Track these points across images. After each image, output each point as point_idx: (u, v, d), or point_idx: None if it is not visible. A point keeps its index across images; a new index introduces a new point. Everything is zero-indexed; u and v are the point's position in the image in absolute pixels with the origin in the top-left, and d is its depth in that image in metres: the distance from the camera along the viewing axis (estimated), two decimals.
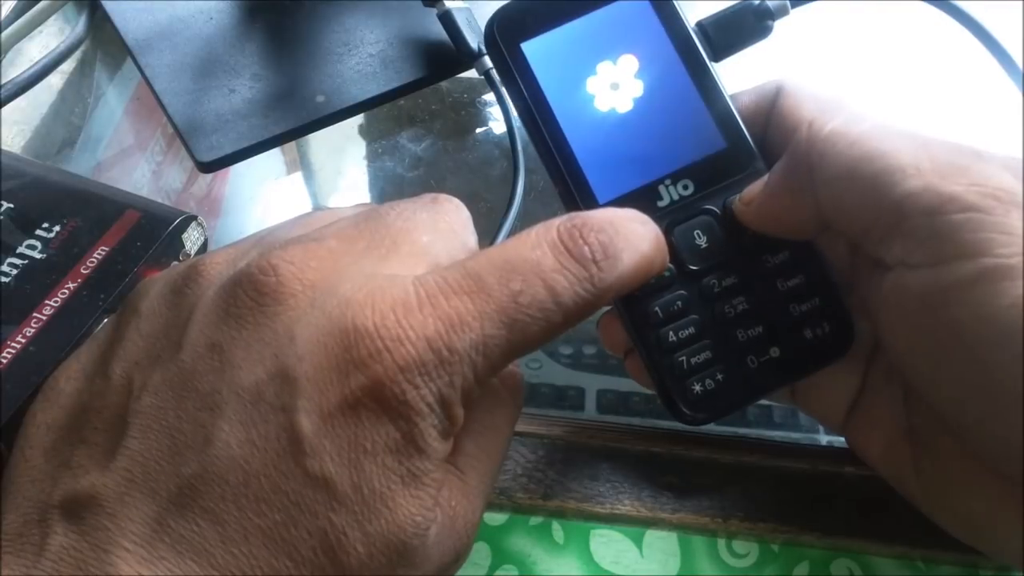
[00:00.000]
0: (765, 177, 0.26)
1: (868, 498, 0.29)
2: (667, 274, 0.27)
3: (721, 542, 0.29)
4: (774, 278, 0.27)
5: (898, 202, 0.22)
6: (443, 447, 0.21)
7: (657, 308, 0.27)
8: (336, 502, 0.19)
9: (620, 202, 0.27)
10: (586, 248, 0.22)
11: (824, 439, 0.34)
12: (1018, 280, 0.20)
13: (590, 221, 0.22)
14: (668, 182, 0.28)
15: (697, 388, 0.27)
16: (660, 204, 0.27)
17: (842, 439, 0.29)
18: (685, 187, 0.28)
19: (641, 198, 0.27)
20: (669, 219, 0.27)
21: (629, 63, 0.28)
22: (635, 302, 0.27)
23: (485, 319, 0.20)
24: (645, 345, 0.27)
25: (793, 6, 0.30)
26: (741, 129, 0.28)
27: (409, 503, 0.20)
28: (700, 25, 0.29)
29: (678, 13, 0.28)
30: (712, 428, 0.35)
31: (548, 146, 0.28)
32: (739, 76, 0.31)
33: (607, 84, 0.28)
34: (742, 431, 0.35)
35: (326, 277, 0.21)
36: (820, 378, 0.28)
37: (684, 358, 0.27)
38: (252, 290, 0.21)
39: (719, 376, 0.27)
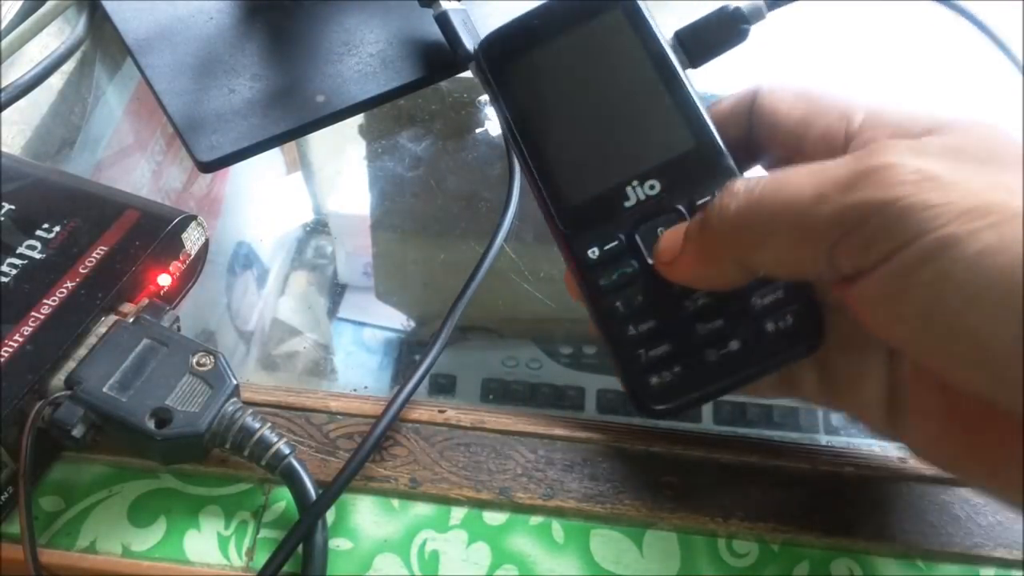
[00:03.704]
0: (680, 228, 0.26)
1: (868, 498, 0.29)
2: (629, 270, 0.28)
3: (721, 542, 0.29)
4: None
5: (823, 233, 0.23)
6: None
7: (619, 303, 0.28)
8: None
9: (588, 203, 0.28)
10: None
11: (824, 439, 0.34)
12: (958, 246, 0.20)
13: None
14: (635, 183, 0.28)
15: (655, 381, 0.27)
16: (627, 204, 0.28)
17: (842, 439, 0.29)
18: (652, 187, 0.28)
19: (607, 200, 0.28)
20: (636, 218, 0.28)
21: (600, 75, 0.29)
22: (601, 297, 0.28)
23: None
24: (611, 340, 0.28)
25: (769, 9, 0.31)
26: (709, 129, 0.28)
27: None
28: (677, 35, 0.30)
29: (650, 25, 0.29)
30: (712, 428, 0.35)
31: (524, 156, 0.29)
32: (734, 77, 0.31)
33: (580, 96, 0.29)
34: (742, 431, 0.35)
35: None
36: (844, 371, 0.27)
37: (643, 351, 0.27)
38: None
39: (677, 369, 0.27)
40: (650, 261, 0.27)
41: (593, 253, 0.28)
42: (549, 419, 0.32)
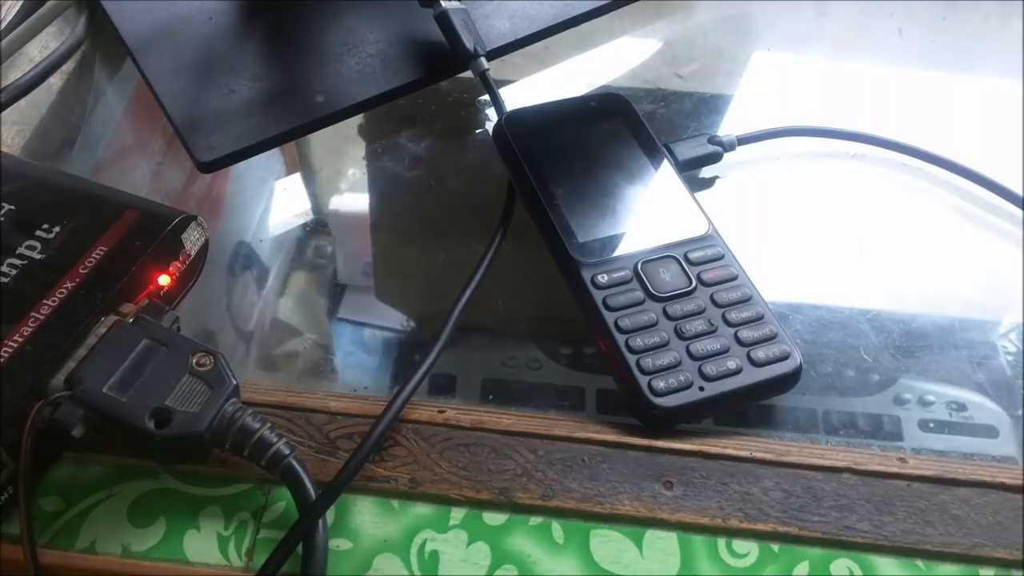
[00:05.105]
0: None
1: (868, 498, 0.29)
2: (634, 294, 0.33)
3: (721, 542, 0.29)
4: (725, 308, 0.33)
5: None
6: None
7: (627, 320, 0.32)
8: None
9: (598, 241, 0.34)
10: None
11: (824, 439, 0.34)
12: None
13: None
14: (637, 234, 0.34)
15: (661, 385, 0.31)
16: (632, 250, 0.34)
17: (842, 439, 0.29)
18: (649, 238, 0.34)
19: (615, 241, 0.34)
20: (640, 258, 0.34)
21: (611, 159, 0.37)
22: (607, 312, 0.32)
23: None
24: (615, 350, 0.32)
25: (740, 144, 0.40)
26: (691, 198, 0.36)
27: None
28: (665, 145, 0.38)
29: (647, 127, 0.38)
30: (712, 428, 0.35)
31: (542, 203, 0.35)
32: None
33: (591, 165, 0.37)
34: (742, 431, 0.34)
35: None
36: None
37: (650, 359, 0.31)
38: None
39: (681, 376, 0.31)
40: (654, 292, 0.33)
41: (603, 278, 0.33)
42: (549, 419, 0.32)
